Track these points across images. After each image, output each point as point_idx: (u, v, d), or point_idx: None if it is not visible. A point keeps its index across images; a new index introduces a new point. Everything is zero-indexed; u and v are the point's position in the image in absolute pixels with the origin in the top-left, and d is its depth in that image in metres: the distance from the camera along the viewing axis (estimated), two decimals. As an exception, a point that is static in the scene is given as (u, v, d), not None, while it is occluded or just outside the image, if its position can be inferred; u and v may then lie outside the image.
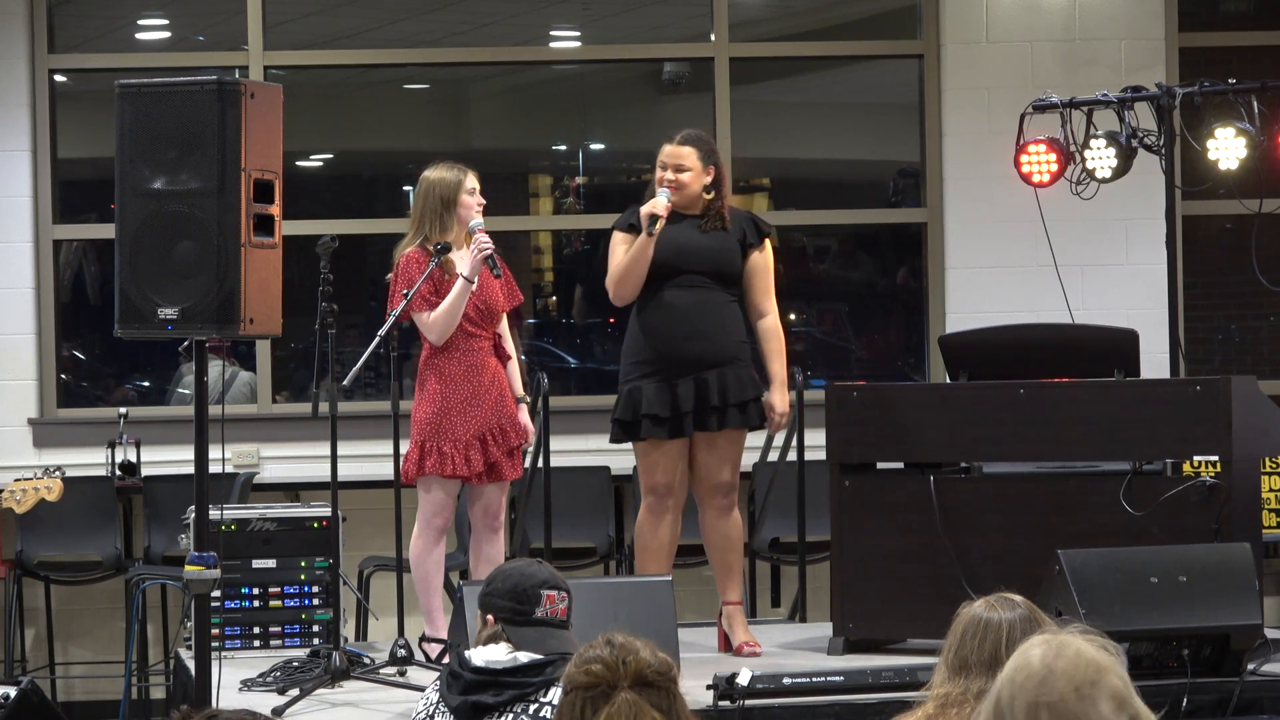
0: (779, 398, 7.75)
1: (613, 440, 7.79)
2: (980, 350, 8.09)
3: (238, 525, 8.23)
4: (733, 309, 7.75)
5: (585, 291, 10.97)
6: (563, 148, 11.48)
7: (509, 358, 7.86)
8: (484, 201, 7.77)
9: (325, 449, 7.54)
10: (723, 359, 7.66)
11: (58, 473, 7.76)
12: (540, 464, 9.11)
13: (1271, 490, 9.40)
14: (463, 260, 7.66)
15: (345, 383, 7.46)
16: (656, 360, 7.67)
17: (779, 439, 9.50)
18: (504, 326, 7.88)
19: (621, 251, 7.72)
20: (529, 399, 8.01)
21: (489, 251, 7.58)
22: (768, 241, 7.85)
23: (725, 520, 7.80)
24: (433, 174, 7.77)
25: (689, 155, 7.72)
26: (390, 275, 7.76)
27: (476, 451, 7.66)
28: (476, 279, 7.63)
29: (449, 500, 7.74)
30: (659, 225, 7.61)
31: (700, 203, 7.75)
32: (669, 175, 7.71)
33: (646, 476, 7.77)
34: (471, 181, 7.74)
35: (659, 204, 7.63)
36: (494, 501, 7.83)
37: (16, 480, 7.70)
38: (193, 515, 6.50)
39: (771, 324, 7.81)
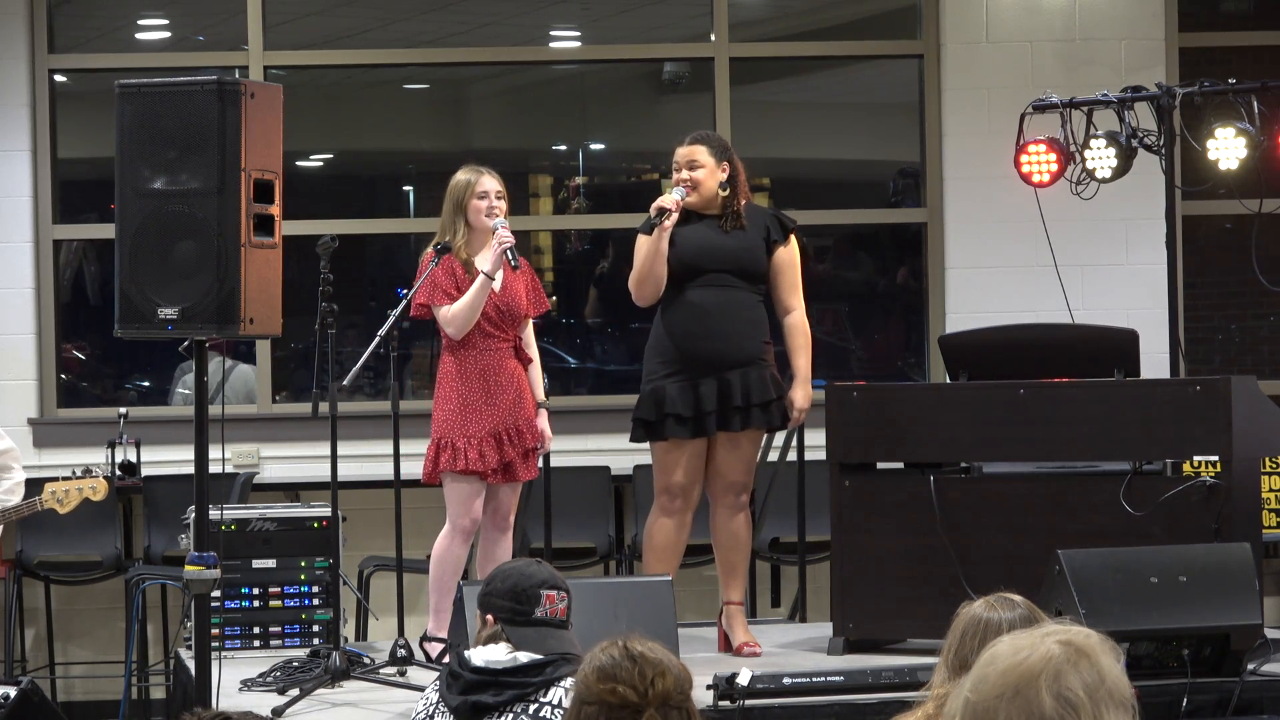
0: (800, 392, 7.76)
1: (633, 439, 7.79)
2: (980, 350, 8.08)
3: (238, 525, 8.22)
4: (757, 309, 7.76)
5: (598, 292, 10.95)
6: (563, 148, 11.47)
7: (530, 361, 7.89)
8: (502, 202, 7.78)
9: (325, 449, 7.54)
10: (745, 359, 7.66)
11: (96, 472, 7.76)
12: (541, 464, 9.10)
13: (1271, 490, 9.40)
14: (484, 259, 7.70)
15: (345, 383, 7.47)
16: (680, 360, 7.67)
17: (779, 439, 9.50)
18: (528, 331, 7.92)
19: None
20: (548, 404, 8.03)
21: (509, 244, 7.59)
22: (793, 237, 7.87)
23: (735, 519, 7.80)
24: (454, 176, 7.86)
25: (700, 152, 7.74)
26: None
27: (491, 449, 7.67)
28: (499, 276, 7.66)
29: (471, 496, 7.71)
30: (670, 220, 7.62)
31: (718, 201, 7.76)
32: (684, 174, 7.73)
33: (663, 476, 7.76)
34: (485, 184, 7.77)
35: (668, 198, 7.66)
36: (505, 502, 7.84)
37: (56, 480, 7.70)
38: (193, 515, 6.49)
39: (797, 320, 7.82)
